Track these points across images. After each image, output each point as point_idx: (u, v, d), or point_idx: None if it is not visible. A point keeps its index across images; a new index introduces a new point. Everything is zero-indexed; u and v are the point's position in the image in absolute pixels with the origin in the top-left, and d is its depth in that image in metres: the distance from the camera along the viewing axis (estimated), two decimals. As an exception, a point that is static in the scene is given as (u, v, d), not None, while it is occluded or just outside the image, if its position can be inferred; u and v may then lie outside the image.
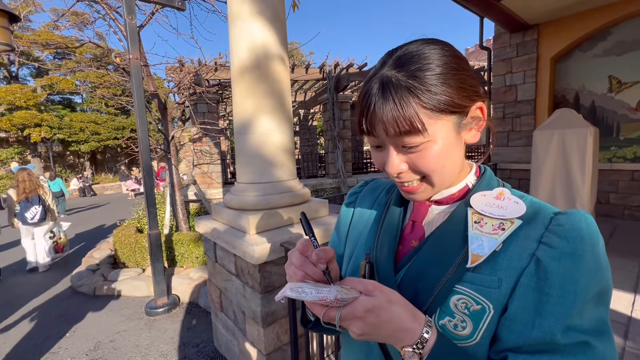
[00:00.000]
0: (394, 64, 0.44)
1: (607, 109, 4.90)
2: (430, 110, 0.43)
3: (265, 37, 1.94)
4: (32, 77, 18.46)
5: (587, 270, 0.40)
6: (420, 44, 0.45)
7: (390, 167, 0.47)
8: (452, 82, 0.43)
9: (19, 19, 2.69)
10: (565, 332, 0.39)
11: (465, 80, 0.45)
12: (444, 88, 0.43)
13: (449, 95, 0.43)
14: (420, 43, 0.46)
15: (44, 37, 14.01)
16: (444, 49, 0.45)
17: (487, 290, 0.43)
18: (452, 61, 0.44)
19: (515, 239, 0.44)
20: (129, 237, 4.67)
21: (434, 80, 0.42)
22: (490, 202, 0.48)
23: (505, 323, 0.42)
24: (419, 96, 0.42)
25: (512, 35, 5.48)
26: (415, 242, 0.53)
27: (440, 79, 0.43)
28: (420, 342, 0.39)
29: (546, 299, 0.40)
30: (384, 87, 0.43)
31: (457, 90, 0.44)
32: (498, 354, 0.43)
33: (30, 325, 3.24)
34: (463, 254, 0.46)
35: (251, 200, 1.97)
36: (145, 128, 3.25)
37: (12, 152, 16.52)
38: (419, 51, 0.44)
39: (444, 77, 0.43)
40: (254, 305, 1.84)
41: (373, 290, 0.39)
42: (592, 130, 3.23)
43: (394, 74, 0.43)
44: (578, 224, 0.42)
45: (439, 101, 0.43)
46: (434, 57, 0.44)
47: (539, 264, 0.41)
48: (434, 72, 0.43)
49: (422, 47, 0.45)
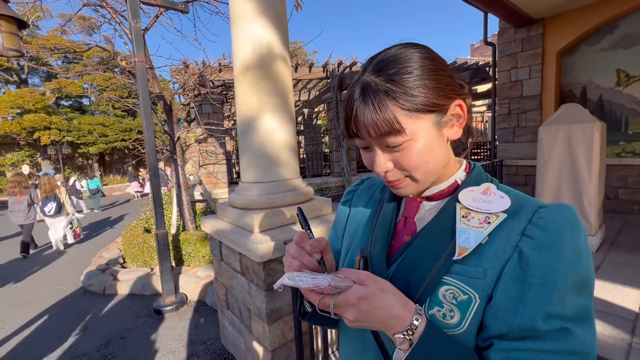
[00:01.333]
0: (373, 69, 0.47)
1: (615, 103, 4.82)
2: (408, 111, 0.45)
3: (268, 37, 1.96)
4: (42, 81, 18.80)
5: (567, 260, 0.42)
6: (398, 48, 0.48)
7: (378, 166, 0.50)
8: (429, 83, 0.45)
9: (28, 25, 2.75)
10: (545, 319, 0.41)
11: (442, 80, 0.47)
12: (421, 89, 0.45)
13: (426, 95, 0.45)
14: (398, 47, 0.48)
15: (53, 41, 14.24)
16: (420, 52, 0.47)
17: (473, 281, 0.45)
18: (428, 63, 0.46)
19: (500, 231, 0.46)
20: (137, 237, 4.76)
21: (410, 82, 0.45)
22: (477, 197, 0.50)
23: (491, 311, 0.44)
24: (397, 98, 0.44)
25: (516, 30, 5.42)
26: (408, 237, 0.56)
27: (417, 80, 0.45)
28: (410, 329, 0.41)
29: (528, 287, 0.42)
30: (364, 92, 0.46)
31: (433, 90, 0.46)
32: (485, 341, 0.45)
33: (44, 323, 3.33)
34: (451, 247, 0.48)
35: (255, 199, 2.00)
36: (152, 129, 3.31)
37: (23, 155, 16.86)
38: (396, 55, 0.47)
39: (421, 79, 0.45)
40: (259, 303, 1.87)
41: (366, 279, 0.41)
42: (598, 125, 3.19)
43: (372, 79, 0.46)
44: (559, 216, 0.44)
45: (416, 102, 0.45)
46: (412, 61, 0.46)
47: (521, 255, 0.43)
48: (411, 74, 0.45)
49: (400, 51, 0.47)
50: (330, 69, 8.02)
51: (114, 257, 5.17)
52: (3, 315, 3.55)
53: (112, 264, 4.90)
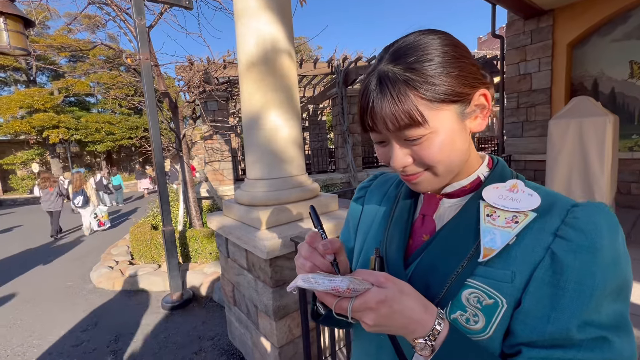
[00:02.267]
0: (390, 58, 0.44)
1: (628, 96, 4.70)
2: (429, 101, 0.42)
3: (272, 32, 1.94)
4: (50, 80, 19.02)
5: (605, 263, 0.39)
6: (417, 35, 0.45)
7: (395, 162, 0.47)
8: (452, 71, 0.42)
9: (34, 24, 2.76)
10: (581, 327, 0.38)
11: (465, 68, 0.44)
12: (443, 77, 0.42)
13: (449, 84, 0.42)
14: (417, 34, 0.45)
15: (59, 40, 14.38)
16: (441, 38, 0.44)
17: (499, 284, 0.43)
18: (450, 50, 0.43)
19: (530, 232, 0.43)
20: (145, 234, 4.80)
21: (432, 70, 0.41)
22: (503, 194, 0.47)
23: (519, 317, 0.42)
24: (417, 88, 0.41)
25: (525, 22, 5.30)
26: (426, 236, 0.53)
27: (439, 68, 0.42)
28: (432, 334, 0.39)
29: (561, 293, 0.39)
30: (381, 83, 0.43)
31: (457, 78, 0.43)
32: (511, 348, 0.43)
33: (55, 318, 3.39)
34: (475, 248, 0.45)
35: (261, 196, 1.99)
36: (157, 127, 3.31)
37: (33, 153, 17.12)
38: (416, 42, 0.43)
39: (443, 66, 0.42)
40: (266, 299, 1.87)
41: (385, 281, 0.39)
42: (611, 118, 3.11)
43: (390, 68, 0.43)
44: (596, 216, 0.41)
45: (439, 91, 0.42)
46: (432, 47, 0.43)
47: (554, 258, 0.40)
48: (432, 62, 0.42)
49: (419, 38, 0.44)
50: (335, 65, 7.95)
51: (123, 254, 5.24)
52: (15, 310, 3.62)
53: (121, 260, 4.96)
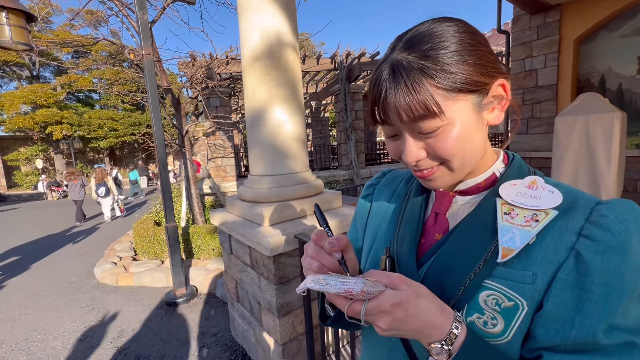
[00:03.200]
0: (404, 46, 0.42)
1: (635, 92, 4.63)
2: (446, 91, 0.40)
3: (277, 26, 1.91)
4: (53, 76, 19.05)
5: (635, 265, 0.37)
6: (431, 23, 0.43)
7: (408, 156, 0.44)
8: (469, 59, 0.40)
9: (36, 19, 2.75)
10: (608, 331, 0.36)
11: (483, 56, 0.42)
12: (460, 65, 0.40)
13: (466, 72, 0.40)
14: (431, 22, 0.43)
15: (62, 36, 14.38)
16: (457, 25, 0.42)
17: (519, 286, 0.41)
18: (467, 37, 0.41)
19: (551, 231, 0.41)
20: (148, 230, 4.81)
21: (448, 58, 0.39)
22: (521, 191, 0.45)
23: (541, 321, 0.40)
24: (433, 77, 0.39)
25: (532, 17, 5.23)
26: (439, 235, 0.51)
27: (455, 56, 0.40)
28: (449, 338, 0.37)
29: (587, 296, 0.37)
30: (395, 72, 0.41)
31: (474, 67, 0.40)
32: (531, 352, 0.41)
33: (58, 314, 3.41)
34: (492, 248, 0.43)
35: (265, 192, 1.98)
36: (160, 123, 3.30)
37: (36, 149, 17.21)
38: (431, 30, 0.41)
39: (460, 54, 0.40)
40: (270, 296, 1.86)
41: (400, 283, 0.37)
42: (619, 114, 3.06)
43: (404, 57, 0.41)
44: (624, 214, 0.39)
45: (456, 80, 0.40)
46: (448, 35, 0.41)
47: (579, 258, 0.38)
48: (449, 49, 0.40)
49: (434, 25, 0.42)
50: (338, 61, 7.90)
51: (126, 250, 5.26)
52: (20, 306, 3.64)
53: (124, 256, 4.98)
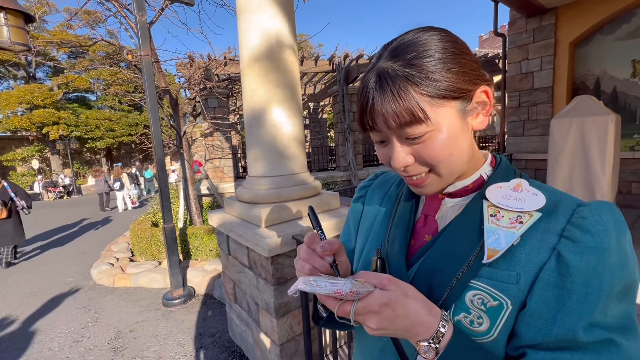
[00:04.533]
0: (390, 54, 0.43)
1: (630, 95, 4.68)
2: (430, 97, 0.41)
3: (275, 27, 1.92)
4: (49, 76, 18.95)
5: (613, 265, 0.38)
6: (416, 32, 0.44)
7: (396, 161, 0.46)
8: (452, 67, 0.42)
9: (34, 20, 2.74)
10: (588, 329, 0.38)
11: (466, 64, 0.43)
12: (444, 73, 0.41)
13: (449, 79, 0.41)
14: (416, 32, 0.44)
15: (59, 36, 14.32)
16: (440, 35, 0.44)
17: (504, 286, 0.42)
18: (450, 46, 0.43)
19: (535, 232, 0.43)
20: (145, 230, 4.80)
21: (432, 66, 0.41)
22: (507, 194, 0.46)
23: (524, 319, 0.41)
24: (418, 84, 0.41)
25: (528, 20, 5.28)
26: (429, 236, 0.52)
27: (439, 64, 0.41)
28: (436, 337, 0.39)
29: (568, 295, 0.39)
30: (381, 79, 0.42)
31: (457, 74, 0.42)
32: (516, 350, 0.42)
33: (55, 315, 3.39)
34: (479, 249, 0.45)
35: (263, 193, 1.98)
36: (158, 124, 3.30)
37: (33, 150, 17.10)
38: (415, 39, 0.43)
39: (443, 62, 0.42)
40: (267, 297, 1.86)
41: (388, 284, 0.39)
42: (613, 117, 3.10)
43: (390, 65, 0.42)
44: (603, 216, 0.40)
45: (440, 87, 0.41)
46: (432, 44, 0.42)
47: (560, 259, 0.40)
48: (432, 58, 0.41)
49: (418, 34, 0.44)
50: (336, 62, 7.92)
51: (123, 251, 5.24)
52: (15, 307, 3.62)
53: (121, 257, 4.97)
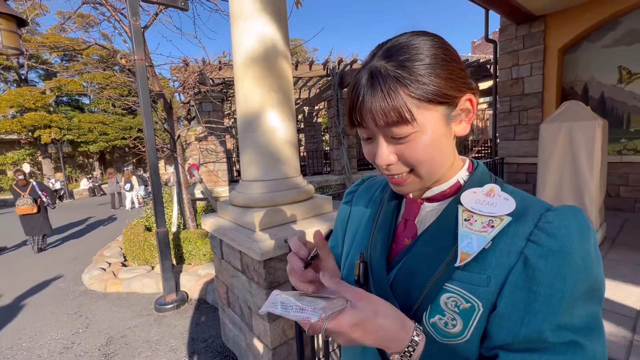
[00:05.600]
0: (383, 55, 0.44)
1: (617, 100, 4.79)
2: (418, 100, 0.43)
3: (268, 33, 1.95)
4: (41, 79, 18.77)
5: (576, 267, 0.40)
6: (409, 35, 0.46)
7: (380, 158, 0.47)
8: (441, 73, 0.43)
9: (27, 24, 2.74)
10: (554, 330, 0.39)
11: (454, 72, 0.45)
12: (433, 78, 0.43)
13: (438, 85, 0.43)
14: (410, 35, 0.46)
15: (52, 39, 14.20)
16: (433, 40, 0.45)
17: (476, 289, 0.44)
18: (441, 52, 0.44)
19: (505, 236, 0.44)
20: (138, 235, 4.76)
21: (422, 70, 0.42)
22: (480, 199, 0.48)
23: (495, 320, 0.43)
24: (407, 86, 0.42)
25: (518, 27, 5.39)
26: (408, 240, 0.54)
27: (429, 69, 0.43)
28: (407, 351, 0.40)
29: (534, 296, 0.40)
30: (373, 78, 0.43)
31: (445, 80, 0.44)
32: (488, 350, 0.44)
33: (45, 321, 3.34)
34: (453, 253, 0.46)
35: (256, 197, 2.00)
36: (152, 128, 3.30)
37: (24, 153, 16.86)
38: (408, 42, 0.44)
39: (433, 67, 0.43)
40: (260, 301, 1.87)
41: (360, 298, 0.40)
42: (600, 122, 3.17)
43: (382, 65, 0.43)
44: (567, 220, 0.42)
45: (427, 90, 0.42)
46: (423, 48, 0.44)
47: (526, 262, 0.41)
48: (423, 62, 0.43)
49: (412, 38, 0.45)
50: (330, 67, 7.99)
51: (115, 255, 5.18)
52: (5, 312, 3.56)
53: (113, 262, 4.91)
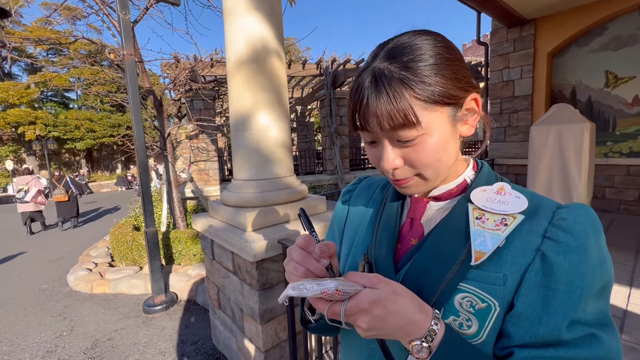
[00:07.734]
0: (386, 56, 0.43)
1: (603, 104, 4.91)
2: (424, 102, 0.41)
3: (262, 31, 1.92)
4: (26, 73, 18.23)
5: (593, 264, 0.40)
6: (412, 35, 0.44)
7: (386, 163, 0.46)
8: (446, 73, 0.42)
9: (10, 14, 2.64)
10: (570, 326, 0.39)
11: (459, 71, 0.44)
12: (438, 79, 0.42)
13: (443, 86, 0.42)
14: (412, 34, 0.44)
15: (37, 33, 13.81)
16: (436, 39, 0.44)
17: (492, 288, 0.43)
18: (445, 51, 0.43)
19: (519, 234, 0.43)
20: (126, 235, 4.65)
21: (427, 71, 0.41)
22: (491, 197, 0.47)
23: (512, 320, 0.42)
24: (413, 87, 0.41)
25: (509, 31, 5.47)
26: (415, 240, 0.52)
27: (434, 69, 0.42)
28: (429, 335, 0.38)
29: (552, 294, 0.40)
30: (377, 80, 0.42)
31: (451, 80, 0.43)
32: (502, 350, 0.43)
33: (28, 324, 3.23)
34: (466, 251, 0.45)
35: (248, 197, 1.96)
36: (141, 125, 3.22)
37: (7, 150, 16.35)
38: (411, 42, 0.43)
39: (438, 68, 0.42)
40: (252, 303, 1.83)
41: (377, 282, 0.38)
42: (588, 125, 3.24)
43: (386, 66, 0.42)
44: (581, 217, 0.42)
45: (433, 92, 0.41)
46: (427, 48, 0.42)
47: (544, 259, 0.41)
48: (427, 62, 0.42)
49: (414, 38, 0.44)
50: (323, 66, 7.97)
51: (102, 256, 5.06)
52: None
53: (100, 262, 4.79)
